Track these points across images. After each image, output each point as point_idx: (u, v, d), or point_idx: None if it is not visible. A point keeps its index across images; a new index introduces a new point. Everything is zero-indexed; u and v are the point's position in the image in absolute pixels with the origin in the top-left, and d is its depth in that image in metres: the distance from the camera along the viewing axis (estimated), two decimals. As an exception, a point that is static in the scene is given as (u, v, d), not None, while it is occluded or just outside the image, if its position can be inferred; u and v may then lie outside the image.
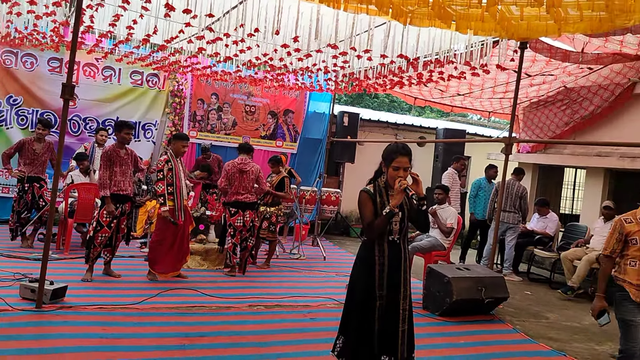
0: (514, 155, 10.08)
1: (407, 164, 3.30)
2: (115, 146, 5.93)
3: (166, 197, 5.97)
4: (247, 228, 6.75)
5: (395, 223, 3.35)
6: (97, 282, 5.80)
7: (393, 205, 3.25)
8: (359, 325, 3.30)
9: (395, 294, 3.32)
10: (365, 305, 3.30)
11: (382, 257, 3.34)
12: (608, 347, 5.15)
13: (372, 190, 3.41)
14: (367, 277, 3.32)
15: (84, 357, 3.77)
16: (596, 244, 7.43)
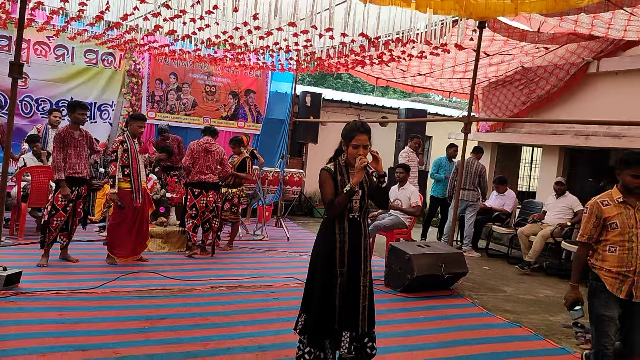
0: (474, 134, 10.25)
1: (367, 141, 3.30)
2: (69, 127, 5.72)
3: (116, 179, 5.85)
4: (210, 209, 6.69)
5: (356, 201, 3.36)
6: (53, 267, 5.65)
7: (354, 183, 3.25)
8: (320, 302, 3.31)
9: (355, 271, 3.34)
10: (326, 282, 3.31)
11: (342, 234, 3.35)
12: (561, 318, 5.34)
13: (333, 168, 3.40)
14: (327, 254, 3.33)
15: (40, 342, 3.67)
16: (549, 219, 7.67)
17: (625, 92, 7.71)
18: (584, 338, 4.70)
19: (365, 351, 3.40)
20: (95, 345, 3.70)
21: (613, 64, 7.93)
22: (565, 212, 7.56)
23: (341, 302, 3.31)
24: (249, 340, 4.04)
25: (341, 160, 3.43)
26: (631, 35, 5.92)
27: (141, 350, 3.69)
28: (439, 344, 4.34)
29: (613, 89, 7.98)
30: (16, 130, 8.06)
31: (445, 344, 4.34)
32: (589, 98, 8.31)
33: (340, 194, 3.28)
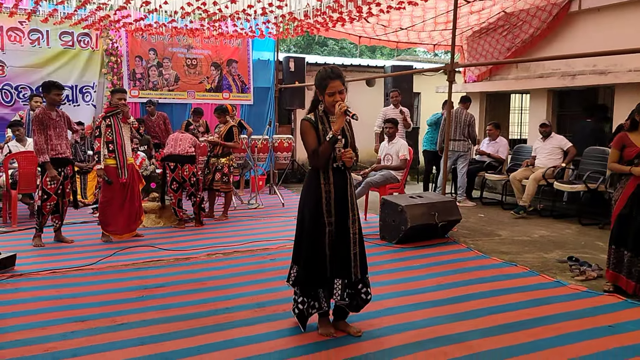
0: (461, 85, 10.20)
1: (341, 86, 3.26)
2: (46, 109, 5.61)
3: (102, 155, 5.81)
4: (190, 183, 6.67)
5: (339, 150, 3.34)
6: (48, 249, 5.65)
7: (336, 130, 3.23)
8: (310, 253, 3.32)
9: (343, 219, 3.34)
10: (315, 232, 3.32)
11: (327, 184, 3.34)
12: (555, 254, 5.39)
13: (313, 118, 3.37)
14: (314, 204, 3.33)
15: (39, 317, 3.69)
16: (540, 162, 7.68)
17: (608, 28, 7.64)
18: (578, 270, 4.74)
19: (360, 297, 3.43)
20: (94, 316, 3.72)
21: (594, 0, 7.82)
22: (554, 152, 7.55)
23: (331, 250, 3.32)
24: (247, 299, 4.07)
25: (320, 110, 3.39)
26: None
27: (140, 317, 3.71)
28: (436, 287, 4.38)
29: (596, 26, 7.90)
30: None
31: (442, 287, 4.38)
32: (573, 37, 8.23)
33: (323, 143, 3.25)
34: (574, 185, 7.06)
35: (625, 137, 4.24)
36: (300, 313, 3.39)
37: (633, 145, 4.15)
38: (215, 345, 3.25)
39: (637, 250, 4.07)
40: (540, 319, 3.68)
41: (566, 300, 4.08)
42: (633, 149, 4.14)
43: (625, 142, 4.21)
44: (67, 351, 3.16)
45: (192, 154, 6.71)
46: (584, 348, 3.23)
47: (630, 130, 4.25)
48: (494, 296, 4.15)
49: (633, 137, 4.20)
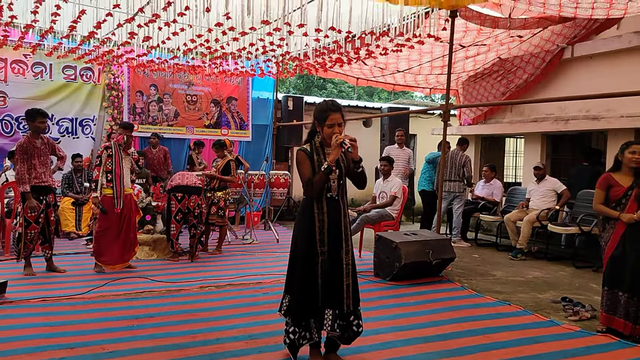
0: (457, 128, 10.36)
1: (340, 119, 3.32)
2: (30, 137, 5.57)
3: (99, 184, 5.84)
4: (193, 214, 6.68)
5: (333, 180, 3.38)
6: (40, 278, 5.62)
7: (331, 161, 3.27)
8: (302, 282, 3.32)
9: (337, 249, 3.36)
10: (308, 262, 3.33)
11: (321, 213, 3.37)
12: (549, 295, 5.37)
13: (309, 149, 3.43)
14: (308, 234, 3.35)
15: (28, 344, 3.64)
16: (534, 204, 7.74)
17: (600, 75, 7.83)
18: (571, 310, 4.72)
19: (352, 329, 3.41)
20: (83, 344, 3.68)
21: (587, 48, 8.05)
22: (548, 195, 7.62)
23: (323, 280, 3.32)
24: (239, 331, 4.03)
25: (316, 141, 3.45)
26: (599, 13, 6.02)
27: (129, 345, 3.67)
28: (429, 323, 4.35)
29: (588, 73, 8.10)
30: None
31: (435, 323, 4.35)
32: (566, 83, 8.43)
33: (318, 173, 3.30)
34: (568, 228, 7.09)
35: (610, 178, 4.30)
36: (291, 343, 3.36)
37: (619, 185, 4.21)
38: (204, 375, 3.20)
39: (634, 291, 4.04)
40: (533, 357, 3.66)
41: (559, 339, 4.05)
42: (619, 188, 4.20)
43: (610, 183, 4.27)
44: (54, 378, 3.12)
45: (200, 186, 6.78)
46: (577, 386, 3.20)
47: (614, 171, 4.32)
48: (487, 334, 4.12)
49: (618, 177, 4.26)
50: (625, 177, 4.24)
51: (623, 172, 4.27)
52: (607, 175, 4.36)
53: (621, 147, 4.28)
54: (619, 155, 4.30)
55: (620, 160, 4.27)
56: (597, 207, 4.37)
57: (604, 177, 4.37)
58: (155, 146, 9.10)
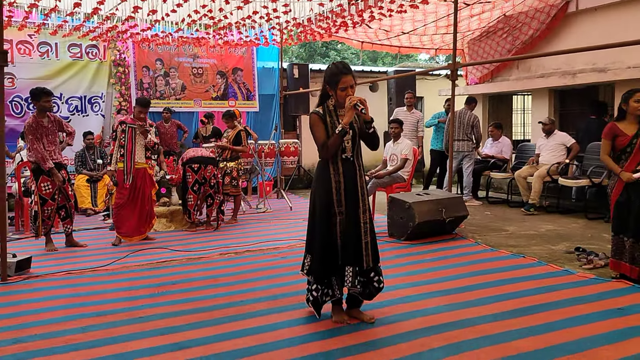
0: (464, 87, 10.31)
1: (352, 81, 3.35)
2: (37, 117, 5.62)
3: (114, 158, 5.98)
4: (210, 184, 6.78)
5: (347, 141, 3.42)
6: (62, 253, 5.76)
7: (345, 123, 3.31)
8: (322, 242, 3.40)
9: (354, 209, 3.43)
10: (327, 222, 3.40)
11: (337, 174, 3.43)
12: (563, 246, 5.45)
13: (322, 111, 3.47)
14: (325, 195, 3.42)
15: (56, 314, 3.76)
16: (544, 159, 7.76)
17: (605, 26, 7.74)
18: (585, 259, 4.80)
19: (373, 285, 3.51)
20: (111, 311, 3.80)
21: (591, 0, 7.94)
22: (557, 149, 7.63)
23: (342, 239, 3.40)
24: (261, 293, 4.15)
25: (329, 104, 3.49)
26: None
27: (156, 311, 3.79)
28: (445, 278, 4.44)
29: (593, 25, 8.00)
30: (10, 131, 8.12)
31: (451, 277, 4.44)
32: (572, 37, 8.33)
33: (332, 135, 3.35)
34: (579, 181, 7.13)
35: (615, 127, 4.32)
36: (314, 300, 3.46)
37: (624, 134, 4.24)
38: (232, 334, 3.32)
39: (638, 236, 4.12)
40: (549, 304, 3.74)
41: (575, 287, 4.14)
42: (624, 137, 4.23)
43: (616, 132, 4.29)
44: (87, 343, 3.24)
45: (214, 157, 6.87)
46: (594, 329, 3.29)
47: (619, 120, 4.33)
48: (503, 285, 4.21)
49: (623, 126, 4.28)
50: (630, 126, 4.26)
51: (628, 121, 4.28)
52: (612, 125, 4.38)
53: (624, 96, 4.28)
54: (622, 105, 4.30)
55: (625, 109, 4.28)
56: (603, 158, 4.42)
57: (609, 127, 4.39)
58: (168, 120, 9.16)
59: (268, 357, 2.96)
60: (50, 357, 3.03)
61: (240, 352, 3.05)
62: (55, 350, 3.13)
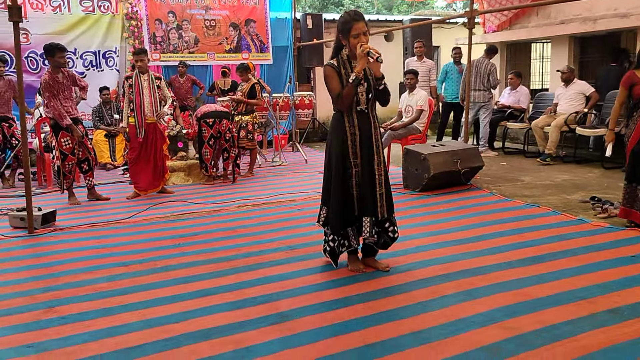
0: (481, 36, 10.09)
1: (364, 27, 3.30)
2: (52, 73, 5.63)
3: (125, 114, 6.08)
4: (225, 138, 6.85)
5: (362, 93, 3.43)
6: (85, 206, 5.92)
7: (358, 71, 3.30)
8: (338, 193, 3.46)
9: (369, 161, 3.46)
10: (342, 174, 3.46)
11: (352, 127, 3.45)
12: (578, 196, 5.47)
13: (336, 63, 3.46)
14: (340, 147, 3.45)
15: (84, 264, 3.92)
16: (562, 108, 7.64)
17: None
18: (600, 208, 4.83)
19: (388, 235, 3.59)
20: (136, 261, 3.95)
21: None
22: (576, 98, 7.51)
23: (357, 191, 3.46)
24: (279, 243, 4.26)
25: (343, 55, 3.47)
26: None
27: (179, 261, 3.93)
28: (460, 227, 4.51)
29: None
30: (27, 87, 8.15)
31: (466, 227, 4.51)
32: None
33: (347, 85, 3.35)
34: (596, 130, 7.05)
35: (633, 76, 4.25)
36: (331, 250, 3.56)
37: None
38: (252, 282, 3.45)
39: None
40: (562, 252, 3.80)
41: (588, 236, 4.18)
42: None
43: (634, 80, 4.22)
44: (115, 291, 3.39)
45: (228, 111, 6.94)
46: (606, 275, 3.35)
47: (638, 68, 4.25)
48: (517, 234, 4.27)
49: None
50: None
51: None
52: (630, 73, 4.31)
53: None
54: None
55: None
56: (613, 109, 4.39)
57: (627, 76, 4.33)
58: (183, 75, 9.16)
59: (286, 304, 3.08)
60: (79, 304, 3.19)
61: (261, 298, 3.17)
62: (84, 298, 3.29)
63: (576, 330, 2.62)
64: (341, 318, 2.87)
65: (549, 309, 2.87)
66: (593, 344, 2.49)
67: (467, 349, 2.49)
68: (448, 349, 2.50)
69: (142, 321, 2.92)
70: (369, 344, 2.57)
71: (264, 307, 3.05)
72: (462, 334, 2.64)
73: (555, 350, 2.44)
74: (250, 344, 2.62)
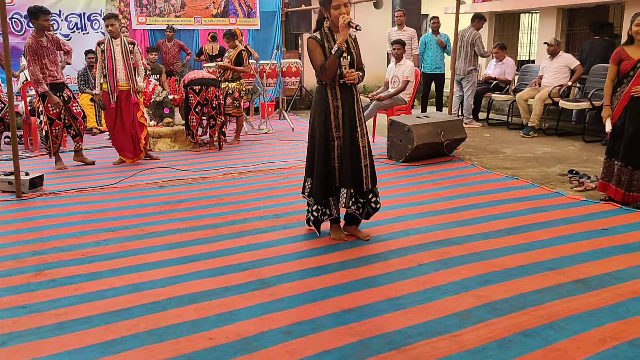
0: (470, 5, 10.06)
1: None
2: (36, 36, 5.56)
3: (97, 80, 6.04)
4: (212, 105, 6.86)
5: (345, 67, 3.49)
6: (72, 171, 5.96)
7: (340, 42, 3.37)
8: (320, 165, 3.56)
9: (352, 133, 3.54)
10: (326, 146, 3.54)
11: (335, 99, 3.53)
12: (557, 169, 5.61)
13: (319, 36, 3.52)
14: (323, 120, 3.53)
15: (72, 229, 4.00)
16: (547, 81, 7.73)
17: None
18: (577, 182, 4.97)
19: (370, 206, 3.69)
20: (123, 227, 4.03)
21: None
22: (561, 71, 7.59)
23: (339, 163, 3.56)
24: (264, 211, 4.36)
25: (325, 27, 3.52)
26: None
27: (165, 227, 4.02)
28: (440, 198, 4.64)
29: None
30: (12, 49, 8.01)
31: (446, 198, 4.64)
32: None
33: (329, 57, 3.40)
34: (579, 103, 7.17)
35: (622, 51, 4.32)
36: (315, 220, 3.67)
37: (629, 58, 4.25)
38: (237, 249, 3.56)
39: (627, 160, 4.27)
40: (537, 224, 3.95)
41: (563, 208, 4.33)
42: (629, 61, 4.24)
43: (622, 56, 4.30)
44: (103, 255, 3.49)
45: (215, 78, 6.93)
46: (577, 247, 3.50)
47: (627, 44, 4.33)
48: (494, 206, 4.41)
49: (630, 50, 4.28)
50: (636, 50, 4.26)
51: (635, 45, 4.28)
52: (619, 49, 4.38)
53: (632, 18, 4.26)
54: (633, 26, 4.28)
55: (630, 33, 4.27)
56: (605, 85, 4.47)
57: (616, 52, 4.39)
58: (171, 40, 9.07)
59: (269, 271, 3.20)
60: (68, 267, 3.28)
61: (245, 264, 3.29)
62: (72, 262, 3.38)
63: (543, 299, 2.77)
64: (320, 284, 3.00)
65: (519, 279, 3.02)
66: (558, 312, 2.64)
67: (439, 315, 2.63)
68: (421, 314, 2.64)
69: (130, 285, 3.02)
70: (346, 309, 2.71)
71: (247, 273, 3.17)
72: (435, 301, 2.78)
73: (521, 318, 2.59)
74: (233, 308, 2.74)
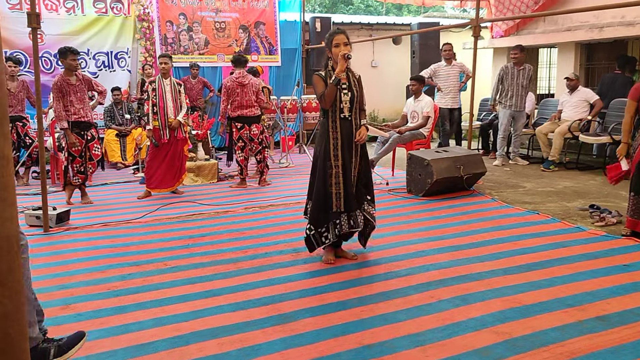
0: (489, 41, 10.20)
1: (345, 39, 3.79)
2: (64, 75, 5.82)
3: (150, 118, 6.19)
4: (257, 142, 6.99)
5: (346, 102, 3.83)
6: (97, 205, 6.10)
7: (337, 73, 3.72)
8: (319, 189, 3.88)
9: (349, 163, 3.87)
10: (324, 173, 3.86)
11: (335, 132, 3.86)
12: (578, 203, 5.58)
13: (323, 73, 3.90)
14: (324, 150, 3.86)
15: (97, 263, 4.10)
16: (566, 115, 7.74)
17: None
18: (598, 217, 4.94)
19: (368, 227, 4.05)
20: (147, 261, 4.12)
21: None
22: (580, 106, 7.60)
23: (337, 189, 3.83)
24: (285, 245, 4.42)
25: (329, 67, 3.90)
26: None
27: (188, 261, 4.10)
28: (459, 233, 4.65)
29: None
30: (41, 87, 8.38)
31: (465, 233, 4.64)
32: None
33: (329, 85, 3.76)
34: (600, 137, 7.15)
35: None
36: (307, 238, 3.99)
37: None
38: (258, 283, 3.61)
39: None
40: (557, 260, 3.93)
41: (584, 244, 4.30)
42: None
43: None
44: (128, 289, 3.57)
45: (258, 115, 7.01)
46: (598, 283, 3.48)
47: None
48: (515, 241, 4.40)
49: None
50: None
51: None
52: (638, 85, 4.41)
53: None
54: None
55: None
56: (624, 122, 4.47)
57: (635, 88, 4.42)
58: (195, 77, 9.33)
59: (289, 306, 3.24)
60: (94, 302, 3.36)
61: (265, 299, 3.33)
62: (99, 295, 3.46)
63: (563, 336, 2.76)
64: (341, 320, 3.02)
65: (539, 315, 3.01)
66: (578, 349, 2.63)
67: (459, 352, 2.63)
68: (441, 351, 2.64)
69: (154, 319, 3.09)
70: (367, 345, 2.73)
71: (268, 308, 3.21)
72: (455, 338, 2.78)
73: (542, 355, 2.58)
74: (255, 342, 2.78)
